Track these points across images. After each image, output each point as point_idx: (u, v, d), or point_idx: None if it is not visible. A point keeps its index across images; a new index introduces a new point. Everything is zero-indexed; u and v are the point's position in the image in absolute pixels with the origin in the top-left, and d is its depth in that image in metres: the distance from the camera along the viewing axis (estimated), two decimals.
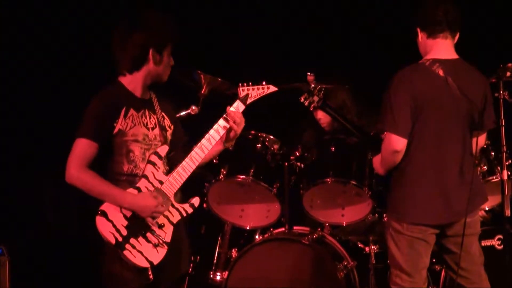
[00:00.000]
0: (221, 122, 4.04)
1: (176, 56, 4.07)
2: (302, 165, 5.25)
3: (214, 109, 4.22)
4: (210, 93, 5.14)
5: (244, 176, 5.20)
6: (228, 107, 4.06)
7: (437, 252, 4.41)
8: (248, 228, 5.47)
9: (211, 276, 5.45)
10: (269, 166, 5.23)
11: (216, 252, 5.55)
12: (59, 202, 6.17)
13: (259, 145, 5.25)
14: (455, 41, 4.32)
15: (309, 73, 4.92)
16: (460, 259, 4.23)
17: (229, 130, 4.06)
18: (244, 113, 4.09)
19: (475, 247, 4.32)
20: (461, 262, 4.26)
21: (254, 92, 4.12)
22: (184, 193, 4.12)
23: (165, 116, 4.09)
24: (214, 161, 5.24)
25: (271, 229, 5.37)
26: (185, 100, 5.10)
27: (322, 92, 4.85)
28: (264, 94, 4.14)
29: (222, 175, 5.22)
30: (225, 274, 5.19)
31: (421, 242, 4.22)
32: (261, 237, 5.34)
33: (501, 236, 5.08)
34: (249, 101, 4.10)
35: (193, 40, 6.04)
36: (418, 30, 4.32)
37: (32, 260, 5.81)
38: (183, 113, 5.15)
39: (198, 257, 5.60)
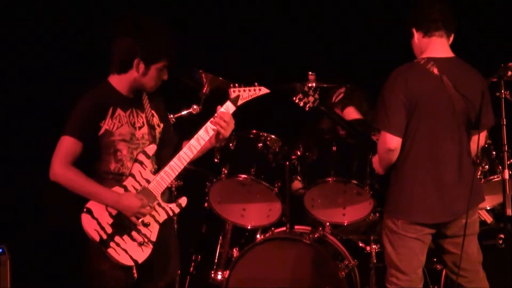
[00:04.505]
0: (210, 123, 4.02)
1: (177, 56, 4.05)
2: (299, 167, 5.25)
3: (215, 109, 4.21)
4: (211, 93, 5.14)
5: (245, 176, 5.19)
6: (218, 107, 4.04)
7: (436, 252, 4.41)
8: (249, 227, 5.46)
9: (212, 275, 5.45)
10: (270, 166, 5.23)
11: (217, 251, 5.54)
12: (58, 201, 6.16)
13: (261, 144, 5.25)
14: (450, 41, 4.31)
15: (310, 73, 4.92)
16: (460, 260, 4.23)
17: (218, 131, 4.03)
18: (245, 112, 4.09)
19: (473, 246, 4.32)
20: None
21: (245, 93, 4.08)
22: (185, 192, 4.13)
23: (155, 114, 4.08)
24: (216, 160, 5.25)
25: (272, 228, 5.37)
26: (186, 99, 5.11)
27: (318, 92, 4.85)
28: (256, 95, 4.11)
29: (223, 175, 5.21)
30: (226, 273, 5.18)
31: (416, 241, 4.22)
32: (262, 237, 5.34)
33: (502, 236, 5.08)
34: (240, 102, 4.07)
35: (194, 39, 6.04)
36: (414, 30, 4.31)
37: (33, 260, 5.80)
38: (184, 112, 5.16)
39: (199, 257, 5.61)
